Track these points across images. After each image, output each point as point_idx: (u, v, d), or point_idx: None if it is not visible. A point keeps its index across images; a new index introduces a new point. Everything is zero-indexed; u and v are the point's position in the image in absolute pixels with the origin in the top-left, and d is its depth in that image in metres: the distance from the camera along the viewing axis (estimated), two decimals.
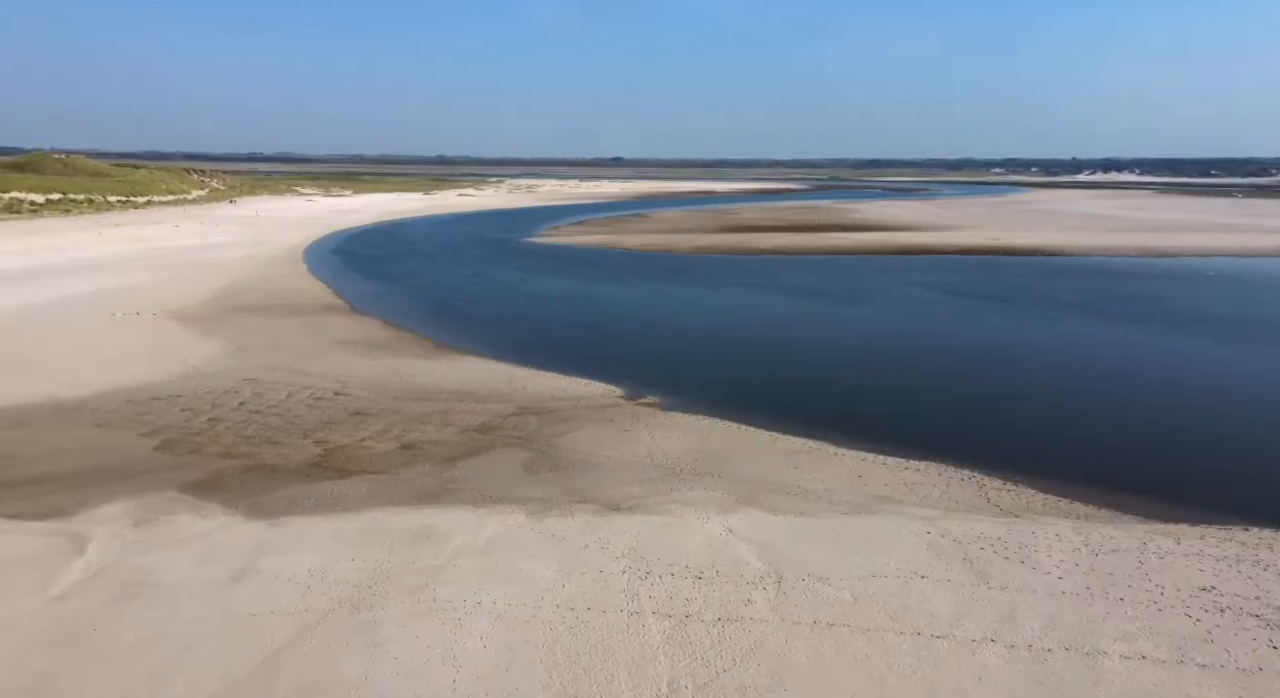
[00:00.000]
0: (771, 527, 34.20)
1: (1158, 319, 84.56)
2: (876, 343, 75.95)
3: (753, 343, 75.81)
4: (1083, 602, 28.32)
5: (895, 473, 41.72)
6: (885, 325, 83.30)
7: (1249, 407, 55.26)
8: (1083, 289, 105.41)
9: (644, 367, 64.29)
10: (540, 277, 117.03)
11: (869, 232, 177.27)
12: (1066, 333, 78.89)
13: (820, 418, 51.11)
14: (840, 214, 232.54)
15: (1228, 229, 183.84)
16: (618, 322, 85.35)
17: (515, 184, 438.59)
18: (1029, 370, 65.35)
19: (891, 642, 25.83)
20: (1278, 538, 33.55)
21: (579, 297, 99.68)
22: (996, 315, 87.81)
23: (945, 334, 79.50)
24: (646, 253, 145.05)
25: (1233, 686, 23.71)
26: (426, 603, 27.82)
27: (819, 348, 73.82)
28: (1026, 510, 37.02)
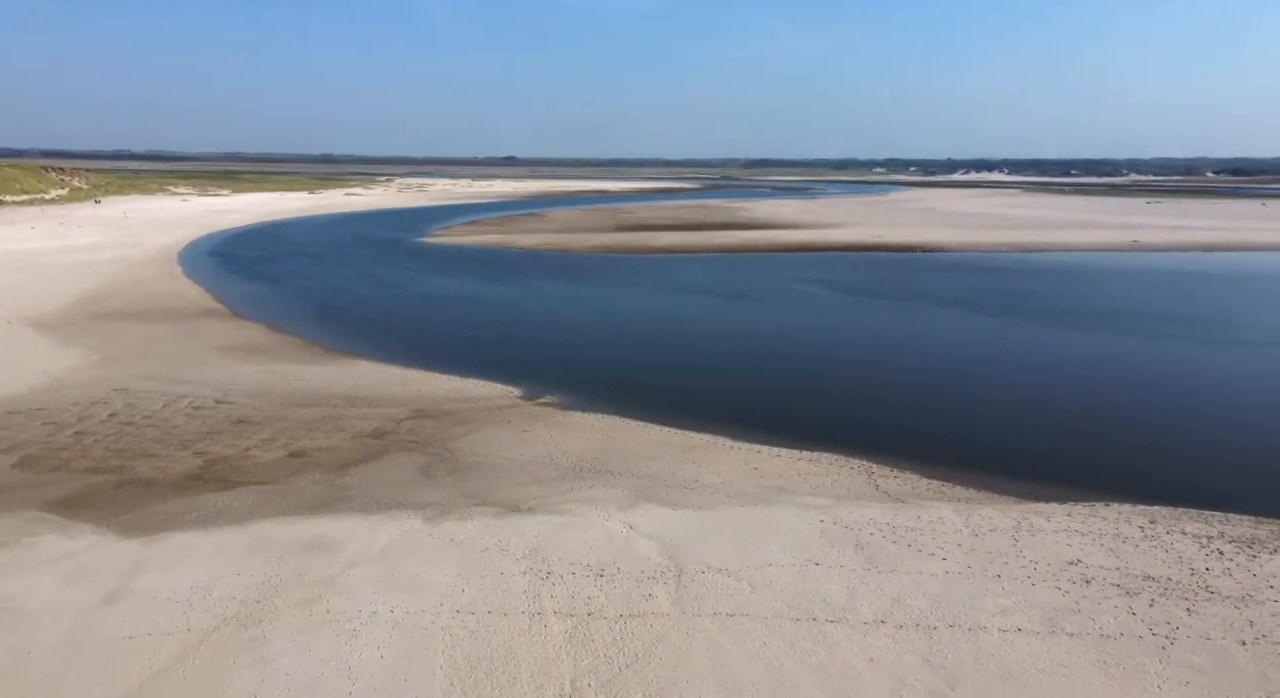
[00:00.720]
0: (671, 522, 34.58)
1: (1030, 312, 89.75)
2: (768, 339, 77.81)
3: (649, 341, 76.43)
4: (964, 580, 29.79)
5: (789, 464, 42.86)
6: (776, 321, 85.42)
7: (1111, 392, 59.32)
8: (960, 284, 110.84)
9: (542, 367, 63.92)
10: (433, 277, 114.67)
11: (759, 230, 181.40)
12: (946, 326, 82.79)
13: (716, 413, 51.98)
14: (731, 213, 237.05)
15: (1090, 225, 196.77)
16: (514, 322, 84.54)
17: (405, 183, 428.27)
18: (912, 362, 68.27)
19: (789, 629, 26.53)
20: (1136, 512, 36.15)
21: (473, 297, 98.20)
22: (880, 310, 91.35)
23: (833, 329, 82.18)
24: (542, 252, 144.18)
25: (1097, 652, 25.42)
26: (319, 615, 26.86)
27: (713, 345, 75.07)
28: (912, 496, 38.66)
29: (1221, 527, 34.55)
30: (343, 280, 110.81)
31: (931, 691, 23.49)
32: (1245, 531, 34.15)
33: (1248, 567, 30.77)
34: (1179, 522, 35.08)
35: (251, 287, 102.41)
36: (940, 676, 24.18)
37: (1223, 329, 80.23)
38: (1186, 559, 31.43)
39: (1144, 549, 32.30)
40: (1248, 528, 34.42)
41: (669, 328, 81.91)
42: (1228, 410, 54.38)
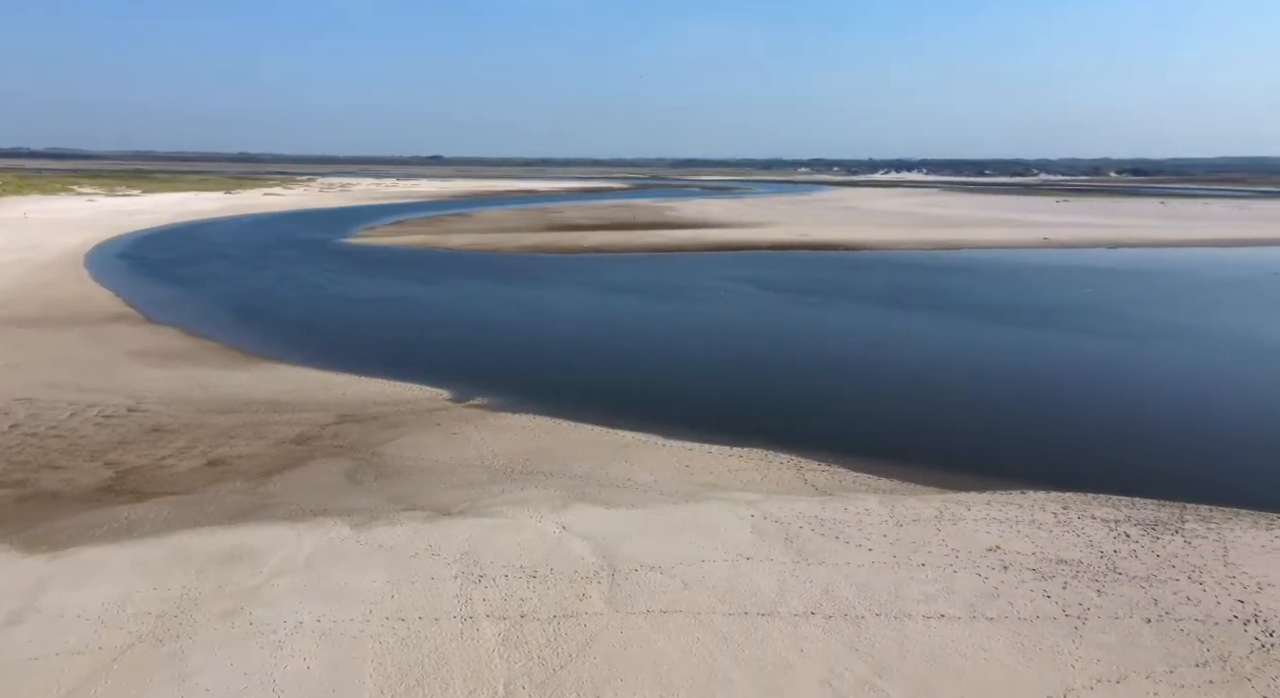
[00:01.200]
0: (604, 521, 34.60)
1: (950, 308, 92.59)
2: (698, 337, 78.50)
3: (579, 341, 76.29)
4: (890, 570, 30.60)
5: (721, 460, 43.33)
6: (705, 320, 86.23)
7: (1026, 384, 61.67)
8: (884, 281, 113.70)
9: (471, 369, 63.20)
10: (357, 279, 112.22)
11: (687, 229, 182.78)
12: (871, 323, 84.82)
13: (647, 411, 52.21)
14: (660, 212, 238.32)
15: (1004, 223, 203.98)
16: (442, 324, 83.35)
17: (327, 183, 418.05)
18: (838, 358, 69.74)
19: (721, 623, 26.83)
20: (1050, 499, 37.66)
21: (400, 299, 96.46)
22: (807, 308, 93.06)
23: (761, 327, 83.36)
24: (470, 253, 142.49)
25: (1015, 635, 26.41)
26: (242, 627, 26.04)
27: (644, 344, 75.38)
28: (840, 489, 39.52)
29: (1128, 511, 36.25)
30: (263, 283, 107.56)
31: (860, 678, 24.06)
32: (1149, 514, 35.91)
33: (1152, 548, 32.36)
34: (1089, 507, 36.68)
35: (165, 290, 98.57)
36: (868, 663, 24.78)
37: (1125, 322, 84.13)
38: (1096, 543, 32.88)
39: (1057, 534, 33.68)
40: (1151, 511, 36.20)
41: (599, 328, 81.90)
42: (1132, 399, 57.06)
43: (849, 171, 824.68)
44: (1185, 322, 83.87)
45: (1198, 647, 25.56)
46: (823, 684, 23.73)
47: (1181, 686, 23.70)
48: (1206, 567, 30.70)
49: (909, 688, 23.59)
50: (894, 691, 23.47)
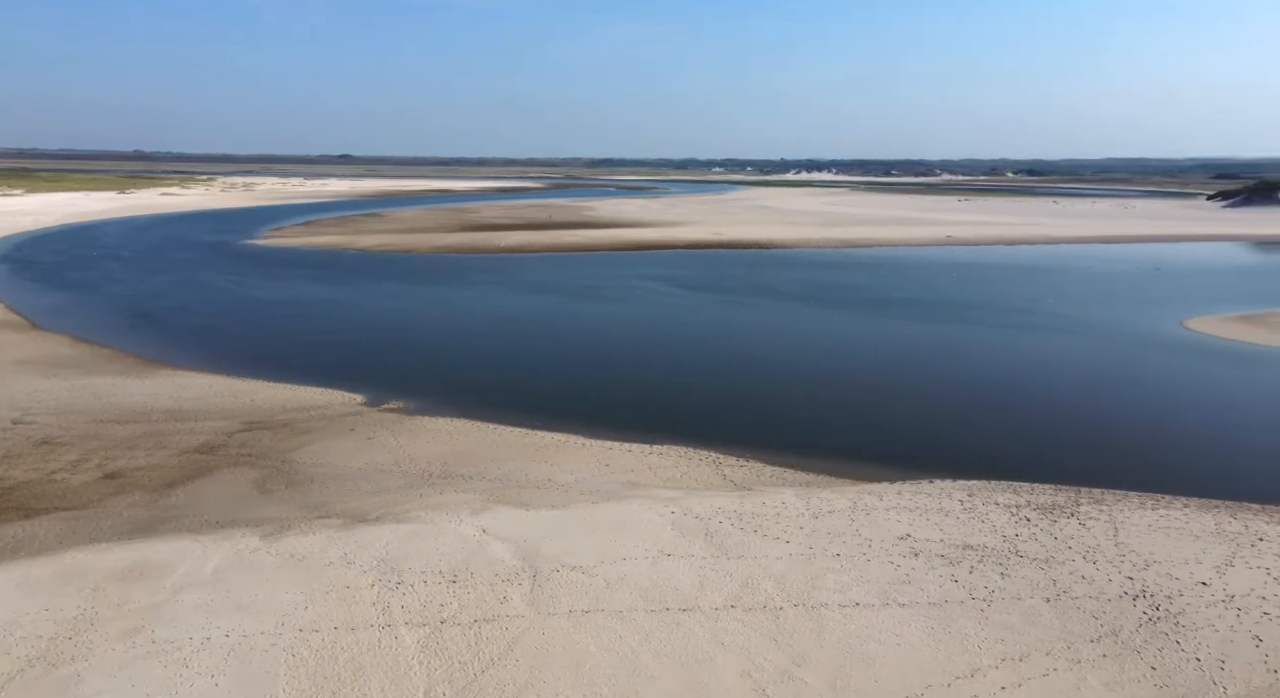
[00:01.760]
0: (525, 522, 34.35)
1: (860, 304, 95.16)
2: (617, 336, 78.65)
3: (498, 342, 75.52)
4: (807, 561, 31.29)
5: (641, 458, 43.54)
6: (624, 319, 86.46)
7: (932, 376, 63.88)
8: (798, 279, 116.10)
9: (387, 372, 61.84)
10: (264, 282, 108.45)
11: (605, 228, 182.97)
12: (786, 319, 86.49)
13: (567, 411, 52.05)
14: (577, 212, 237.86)
15: (911, 222, 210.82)
16: (356, 327, 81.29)
17: (230, 182, 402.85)
18: (754, 355, 70.89)
19: (643, 621, 26.97)
20: (956, 487, 39.13)
21: (311, 302, 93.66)
22: (723, 305, 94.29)
23: (680, 325, 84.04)
24: (384, 254, 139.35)
25: (926, 619, 27.37)
26: (144, 646, 24.88)
27: (563, 344, 75.10)
28: (757, 483, 40.20)
29: (1028, 496, 37.97)
30: (162, 286, 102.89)
31: (779, 668, 24.54)
32: (1047, 498, 37.69)
33: (1050, 531, 33.98)
34: (992, 493, 38.27)
35: (55, 295, 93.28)
36: (787, 653, 25.30)
37: (1023, 316, 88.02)
38: (999, 527, 34.33)
39: (963, 521, 35.03)
40: (1049, 495, 38.00)
41: (519, 329, 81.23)
42: (1030, 389, 59.75)
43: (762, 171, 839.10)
44: (1077, 314, 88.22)
45: (1092, 623, 26.96)
46: (743, 676, 24.12)
47: (1078, 661, 24.96)
48: (1099, 547, 32.41)
49: (826, 676, 24.18)
50: (812, 679, 24.03)
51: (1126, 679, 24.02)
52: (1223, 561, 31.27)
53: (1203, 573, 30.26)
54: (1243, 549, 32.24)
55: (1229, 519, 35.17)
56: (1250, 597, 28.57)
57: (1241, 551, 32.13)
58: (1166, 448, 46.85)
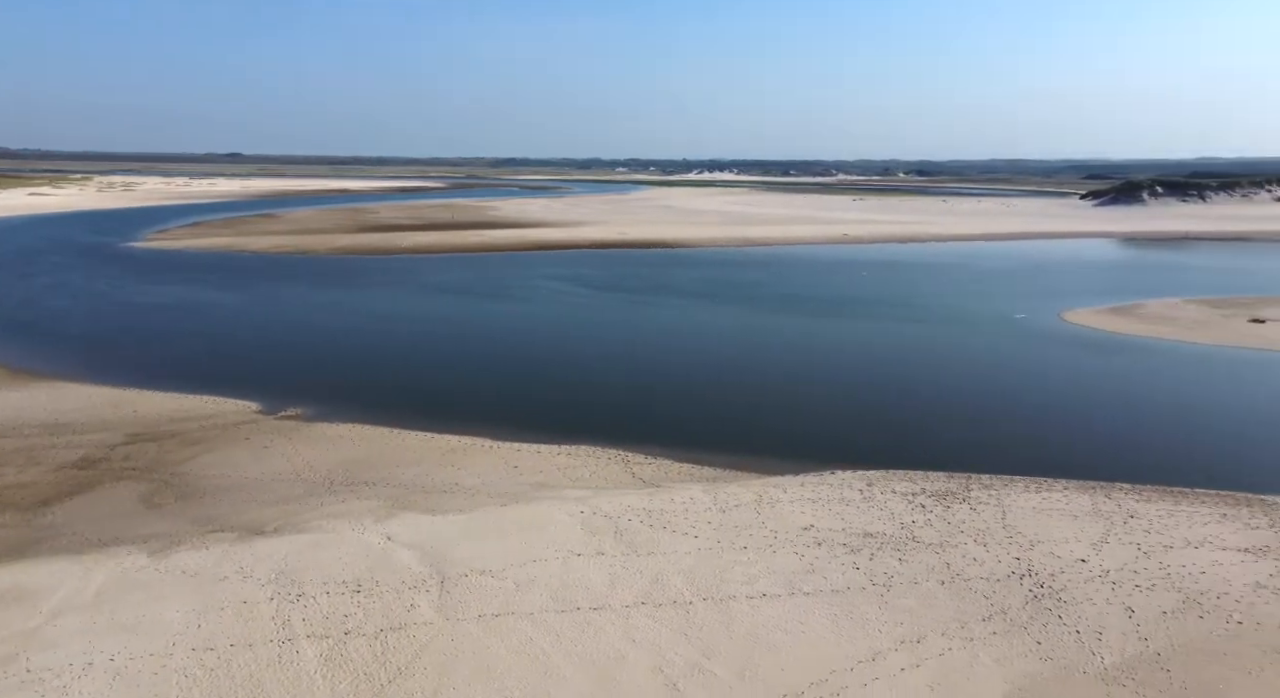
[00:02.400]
0: (431, 528, 33.76)
1: (762, 301, 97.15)
2: (523, 337, 78.07)
3: (400, 345, 73.88)
4: (715, 555, 31.81)
5: (549, 459, 43.37)
6: (530, 319, 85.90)
7: (832, 369, 65.82)
8: (701, 277, 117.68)
9: (284, 378, 59.68)
10: (148, 286, 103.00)
11: (509, 228, 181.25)
12: (690, 317, 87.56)
13: (474, 413, 51.35)
14: (480, 212, 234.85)
15: (809, 221, 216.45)
16: (249, 332, 78.13)
17: (107, 181, 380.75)
18: (661, 352, 71.53)
19: (554, 621, 26.89)
20: (856, 477, 40.45)
21: (198, 306, 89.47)
22: (629, 304, 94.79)
23: (586, 324, 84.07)
24: (278, 256, 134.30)
25: (829, 606, 28.22)
26: (17, 676, 23.32)
27: (468, 345, 74.05)
28: (666, 480, 40.60)
29: (923, 483, 39.58)
30: (33, 292, 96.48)
31: (689, 662, 24.87)
32: (941, 485, 39.38)
33: (944, 516, 35.52)
34: (890, 482, 39.74)
35: None
36: (697, 647, 25.67)
37: (916, 310, 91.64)
38: (897, 515, 35.68)
39: (863, 509, 36.26)
40: (942, 483, 39.71)
41: (421, 331, 79.65)
42: (924, 381, 62.27)
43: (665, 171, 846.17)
44: (965, 308, 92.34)
45: (983, 603, 28.34)
46: (654, 672, 24.35)
47: (971, 639, 26.19)
48: (989, 530, 34.07)
49: (735, 667, 24.64)
50: (721, 671, 24.45)
51: (1014, 654, 25.35)
52: (1099, 538, 33.34)
53: (1081, 551, 32.19)
54: (1116, 527, 34.45)
55: (1104, 499, 37.51)
56: (1123, 571, 30.55)
57: (1115, 528, 34.32)
58: (1048, 434, 49.57)
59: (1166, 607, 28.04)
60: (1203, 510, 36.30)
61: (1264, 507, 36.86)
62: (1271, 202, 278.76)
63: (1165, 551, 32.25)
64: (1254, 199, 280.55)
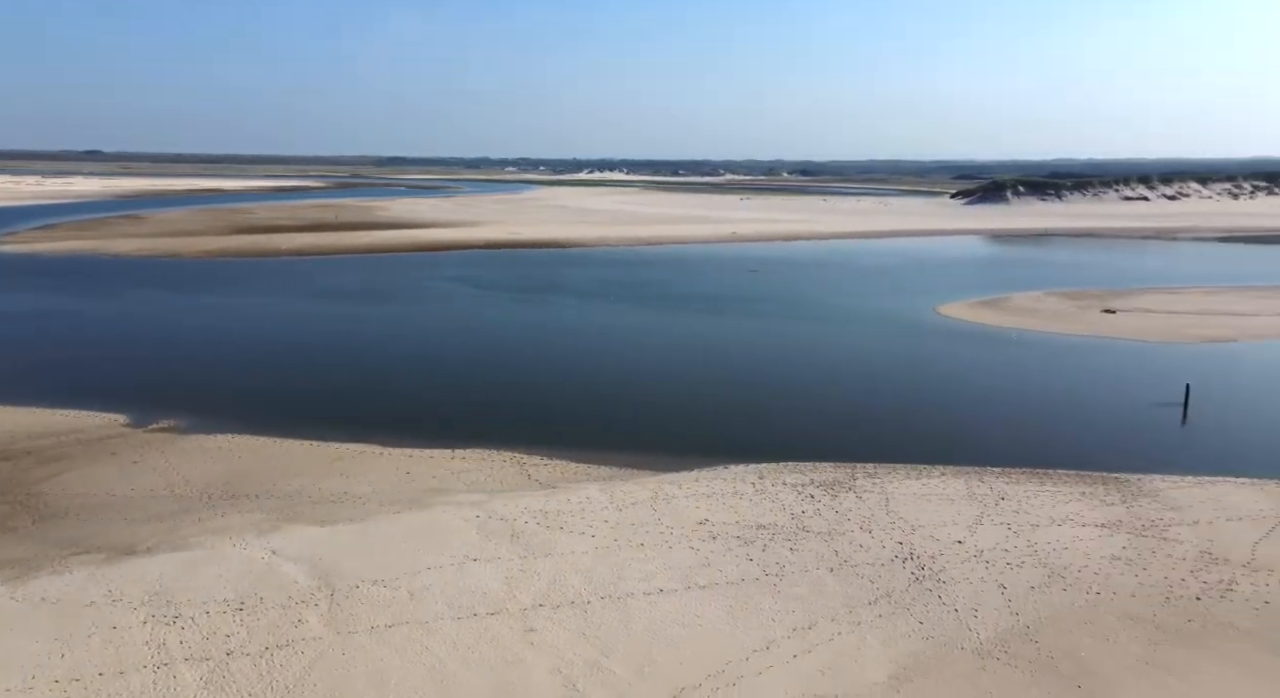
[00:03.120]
0: (320, 539, 32.62)
1: (655, 299, 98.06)
2: (414, 340, 76.32)
3: (282, 351, 71.00)
4: (612, 553, 31.97)
5: (443, 463, 42.58)
6: (421, 322, 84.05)
7: (726, 367, 67.11)
8: (594, 276, 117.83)
9: (154, 389, 56.37)
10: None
11: (398, 229, 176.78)
12: (584, 316, 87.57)
13: (363, 419, 49.88)
14: (367, 212, 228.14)
15: (699, 220, 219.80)
16: (113, 341, 73.43)
17: None
18: (556, 352, 71.24)
19: (450, 629, 26.45)
20: (749, 471, 41.41)
21: (54, 314, 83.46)
22: (523, 304, 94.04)
23: (478, 324, 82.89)
24: (144, 259, 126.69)
25: (725, 599, 28.82)
26: None
27: (355, 349, 71.84)
28: (562, 481, 40.51)
29: (812, 474, 40.89)
30: None
31: (588, 661, 24.93)
32: (828, 475, 40.78)
33: (832, 506, 36.80)
34: (781, 474, 40.87)
35: None
36: (596, 646, 25.75)
37: (801, 306, 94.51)
38: (788, 506, 36.74)
39: (756, 502, 37.16)
40: (830, 473, 41.13)
41: (304, 336, 76.76)
42: (810, 374, 64.31)
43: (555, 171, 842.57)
44: (848, 303, 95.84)
45: (869, 587, 29.53)
46: (553, 673, 24.29)
47: (858, 623, 27.26)
48: (874, 517, 35.51)
49: (634, 664, 24.86)
50: (620, 668, 24.61)
51: (899, 635, 26.52)
52: (973, 520, 35.25)
53: (958, 533, 33.97)
54: (988, 509, 36.51)
55: (978, 483, 39.68)
56: (995, 550, 32.42)
57: (988, 510, 36.37)
58: (927, 422, 52.03)
59: (1034, 582, 29.92)
60: (1064, 490, 38.90)
61: (1117, 484, 39.80)
62: (1119, 200, 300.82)
63: (1032, 529, 34.39)
64: (1103, 198, 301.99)
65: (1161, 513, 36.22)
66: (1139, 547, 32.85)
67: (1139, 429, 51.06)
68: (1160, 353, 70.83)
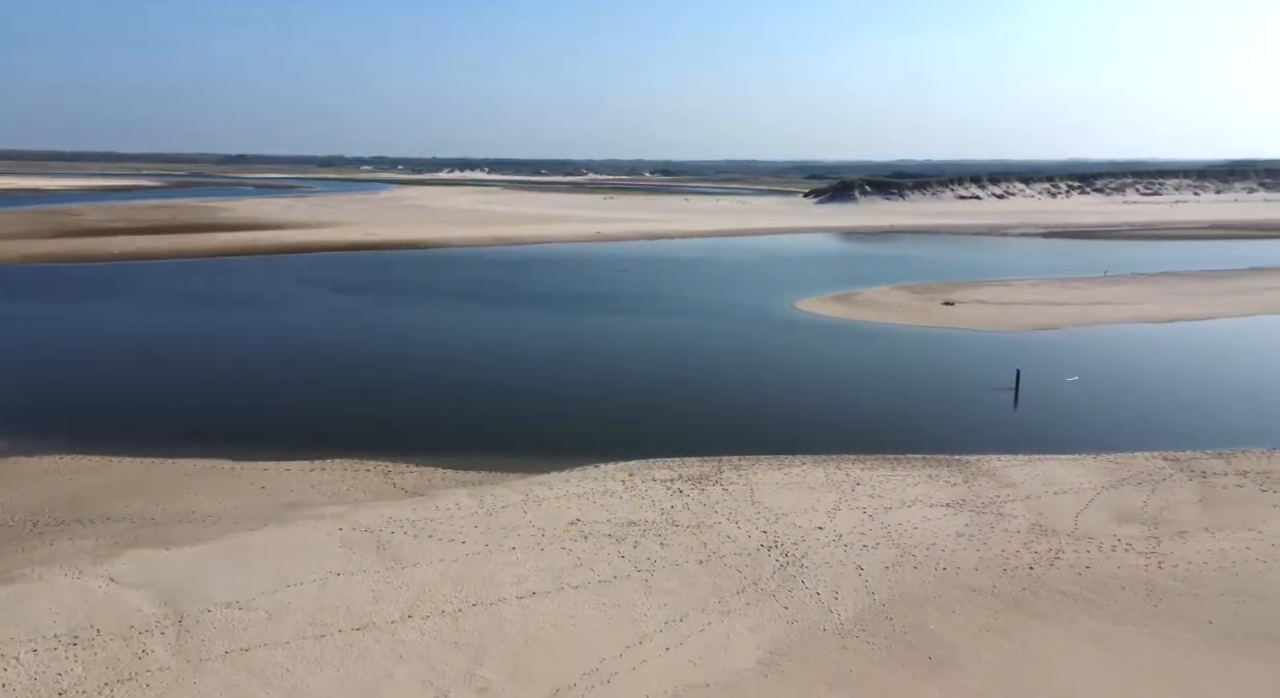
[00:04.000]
0: (165, 564, 30.55)
1: (520, 299, 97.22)
2: (264, 345, 72.58)
3: (116, 363, 65.93)
4: (484, 559, 31.54)
5: (302, 476, 40.75)
6: (271, 326, 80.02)
7: (594, 366, 67.33)
8: (457, 277, 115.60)
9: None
10: None
11: (244, 231, 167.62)
12: (447, 317, 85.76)
13: (212, 433, 47.08)
14: (211, 213, 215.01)
15: (563, 219, 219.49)
16: None
17: None
18: (417, 354, 69.44)
19: (313, 648, 25.38)
20: (619, 469, 41.78)
21: None
22: (382, 307, 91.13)
23: (335, 329, 79.72)
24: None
25: (598, 597, 28.99)
26: None
27: (200, 358, 67.59)
28: (430, 487, 39.58)
29: (680, 469, 41.70)
30: None
31: (460, 671, 24.51)
32: (696, 469, 41.70)
33: (699, 499, 37.67)
34: (650, 470, 41.46)
35: None
36: (468, 654, 25.34)
37: (666, 304, 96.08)
38: (658, 501, 37.33)
39: (626, 499, 37.56)
40: (697, 467, 42.07)
41: (141, 346, 71.53)
42: (676, 371, 65.48)
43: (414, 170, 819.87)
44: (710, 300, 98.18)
45: (737, 577, 30.43)
46: (424, 685, 23.74)
47: (728, 612, 28.05)
48: (740, 508, 36.60)
49: (507, 669, 24.63)
50: (493, 674, 24.34)
51: (765, 621, 27.48)
52: (832, 506, 36.94)
53: (819, 519, 35.50)
54: (846, 495, 38.34)
55: (835, 470, 41.59)
56: (853, 534, 34.10)
57: (845, 496, 38.19)
58: (788, 414, 54.05)
59: (888, 562, 31.67)
60: (914, 473, 41.35)
61: (959, 465, 42.67)
62: (955, 199, 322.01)
63: (886, 512, 36.38)
64: (941, 197, 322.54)
65: (998, 491, 39.11)
66: (979, 523, 35.34)
67: (978, 413, 54.88)
68: (994, 341, 76.33)
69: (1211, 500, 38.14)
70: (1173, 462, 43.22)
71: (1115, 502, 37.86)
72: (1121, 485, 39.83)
